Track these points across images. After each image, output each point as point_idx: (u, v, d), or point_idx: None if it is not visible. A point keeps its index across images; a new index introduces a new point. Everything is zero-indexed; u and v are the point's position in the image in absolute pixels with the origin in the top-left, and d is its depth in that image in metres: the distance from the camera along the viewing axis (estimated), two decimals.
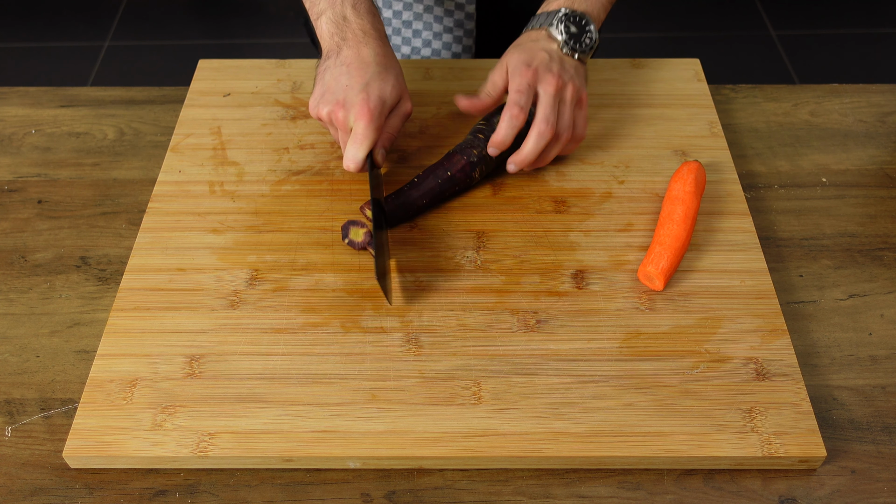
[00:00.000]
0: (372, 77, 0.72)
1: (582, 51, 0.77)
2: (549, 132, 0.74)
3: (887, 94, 0.94)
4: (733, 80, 1.00)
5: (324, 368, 0.65)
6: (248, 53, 2.27)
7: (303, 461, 0.61)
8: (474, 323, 0.68)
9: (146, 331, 0.68)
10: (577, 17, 0.77)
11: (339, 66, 0.73)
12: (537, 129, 0.74)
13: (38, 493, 0.60)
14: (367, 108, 0.70)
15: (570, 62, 0.77)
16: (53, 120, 0.91)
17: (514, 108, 0.74)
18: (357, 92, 0.71)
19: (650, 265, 0.69)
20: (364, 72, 0.72)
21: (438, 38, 0.99)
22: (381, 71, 0.73)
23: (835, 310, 0.72)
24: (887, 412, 0.65)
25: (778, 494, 0.60)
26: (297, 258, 0.73)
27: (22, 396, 0.66)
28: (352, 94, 0.71)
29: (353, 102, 0.71)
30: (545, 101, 0.74)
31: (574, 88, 0.75)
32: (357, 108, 0.71)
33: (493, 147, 0.75)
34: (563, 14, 0.77)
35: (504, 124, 0.74)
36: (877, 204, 0.81)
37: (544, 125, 0.74)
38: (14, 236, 0.78)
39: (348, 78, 0.72)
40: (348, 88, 0.72)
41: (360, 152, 0.71)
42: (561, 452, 0.60)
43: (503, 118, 0.75)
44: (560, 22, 0.77)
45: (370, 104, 0.70)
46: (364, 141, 0.71)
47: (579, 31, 0.77)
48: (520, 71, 0.75)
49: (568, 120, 0.76)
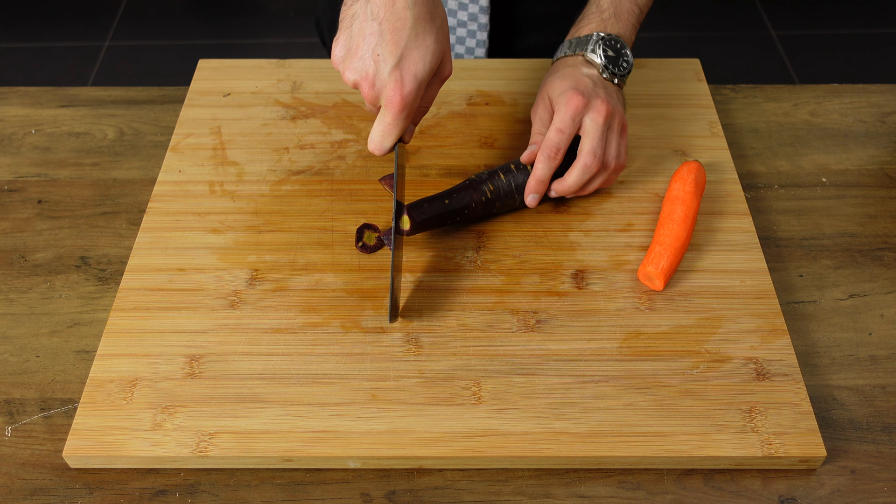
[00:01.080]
0: (408, 44, 0.61)
1: (621, 74, 0.75)
2: (595, 165, 0.71)
3: (887, 94, 0.94)
4: (733, 80, 1.00)
5: (324, 368, 0.65)
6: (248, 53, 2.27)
7: (303, 461, 0.61)
8: (474, 323, 0.68)
9: (146, 331, 0.68)
10: (613, 41, 0.75)
11: (368, 17, 0.61)
12: (583, 162, 0.71)
13: (38, 493, 0.60)
14: (401, 94, 0.61)
15: (611, 87, 0.74)
16: (53, 120, 0.91)
17: (551, 149, 0.71)
18: (390, 69, 0.61)
19: (650, 265, 0.69)
20: (399, 35, 0.60)
21: (452, 32, 0.98)
22: (420, 32, 0.61)
23: (835, 310, 0.72)
24: (887, 412, 0.65)
25: (778, 494, 0.60)
26: (297, 258, 0.73)
27: (22, 396, 0.66)
28: (383, 70, 0.61)
29: (384, 82, 0.61)
30: (593, 131, 0.71)
31: (620, 116, 0.73)
32: (389, 92, 0.61)
33: (531, 193, 0.72)
34: (600, 37, 0.75)
35: (540, 166, 0.71)
36: (877, 204, 0.81)
37: (591, 158, 0.71)
38: (14, 236, 0.78)
39: (379, 42, 0.61)
40: (380, 59, 0.61)
41: (387, 141, 0.64)
42: (561, 452, 0.60)
43: (539, 159, 0.71)
44: (597, 45, 0.74)
45: (404, 90, 0.61)
46: (394, 130, 0.64)
47: (616, 54, 0.75)
48: (567, 98, 0.71)
49: (615, 150, 0.73)
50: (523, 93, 0.90)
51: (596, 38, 0.75)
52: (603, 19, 0.77)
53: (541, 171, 0.72)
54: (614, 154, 0.73)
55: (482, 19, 0.96)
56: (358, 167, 0.82)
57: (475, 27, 0.97)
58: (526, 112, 0.88)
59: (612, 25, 0.77)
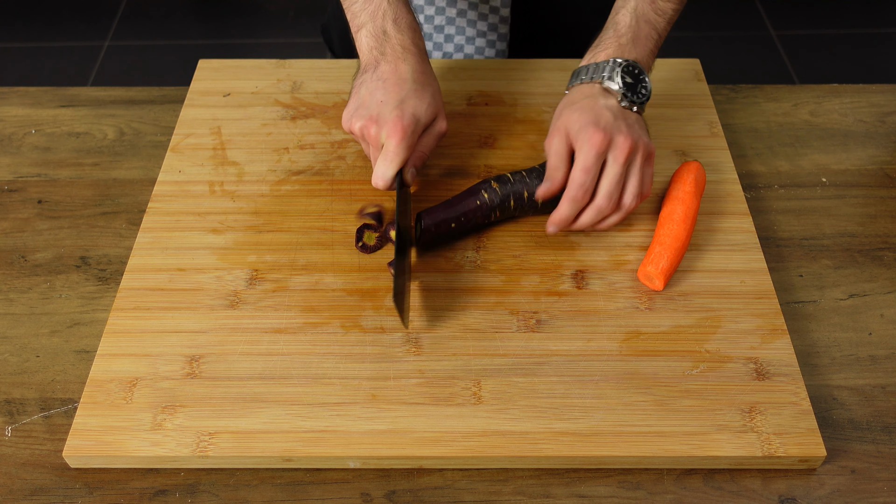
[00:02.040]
0: (408, 94, 0.71)
1: (640, 102, 0.72)
2: (609, 209, 0.69)
3: (887, 94, 0.94)
4: (733, 80, 1.00)
5: (324, 368, 0.65)
6: (248, 53, 2.27)
7: (303, 461, 0.61)
8: (474, 323, 0.68)
9: (146, 331, 0.68)
10: (631, 67, 0.72)
11: (375, 80, 0.72)
12: (597, 205, 0.69)
13: (38, 493, 0.60)
14: (401, 125, 0.69)
15: (632, 116, 0.71)
16: (53, 120, 0.91)
17: (577, 191, 0.68)
18: (392, 109, 0.70)
19: (650, 265, 0.69)
20: (400, 88, 0.71)
21: (471, 42, 0.97)
22: (418, 88, 0.71)
23: (835, 310, 0.72)
24: (887, 412, 0.65)
25: (778, 494, 0.60)
26: (297, 258, 0.73)
27: (22, 396, 0.66)
28: (386, 111, 0.70)
29: (386, 119, 0.69)
30: (612, 173, 0.68)
31: (644, 148, 0.70)
32: (390, 126, 0.69)
33: (552, 226, 0.70)
34: (618, 63, 0.72)
35: (566, 206, 0.69)
36: (877, 204, 0.81)
37: (605, 202, 0.69)
38: (14, 236, 0.78)
39: (384, 93, 0.71)
40: (383, 104, 0.70)
41: (389, 170, 0.69)
42: (561, 452, 0.60)
43: (565, 198, 0.69)
44: (615, 73, 0.71)
45: (403, 122, 0.69)
46: (395, 159, 0.69)
47: (634, 80, 0.72)
48: (588, 135, 0.68)
49: (635, 187, 0.70)
50: (523, 93, 0.90)
51: (613, 65, 0.72)
52: (620, 45, 0.74)
53: (566, 211, 0.69)
54: (634, 191, 0.70)
55: (502, 29, 0.96)
56: (358, 167, 0.82)
57: (494, 37, 0.97)
58: (526, 112, 0.88)
59: (630, 51, 0.74)
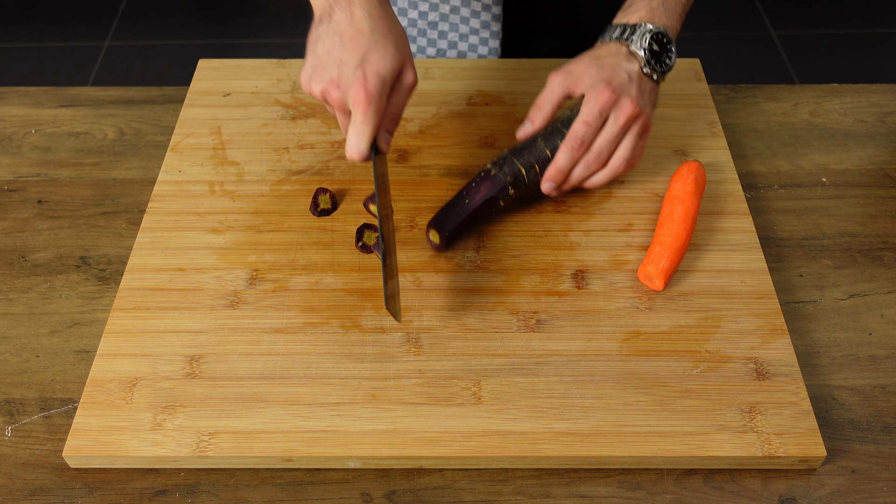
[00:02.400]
0: (368, 48, 0.63)
1: (662, 71, 0.73)
2: (595, 165, 0.72)
3: (887, 94, 0.94)
4: (733, 80, 0.99)
5: (324, 368, 0.65)
6: (248, 53, 2.27)
7: (303, 461, 0.61)
8: (474, 323, 0.68)
9: (146, 331, 0.68)
10: (661, 35, 0.72)
11: (331, 34, 0.65)
12: (586, 161, 0.71)
13: (38, 493, 0.60)
14: (365, 90, 0.62)
15: (648, 85, 0.72)
16: (53, 120, 0.91)
17: (575, 141, 0.70)
18: (353, 69, 0.63)
19: (650, 265, 0.69)
20: (359, 42, 0.64)
21: (465, 39, 0.97)
22: (379, 39, 0.64)
23: (835, 310, 0.72)
24: (887, 412, 0.65)
25: (778, 494, 0.60)
26: (297, 258, 0.73)
27: (22, 396, 0.66)
28: (347, 72, 0.63)
29: (348, 82, 0.63)
30: (610, 131, 0.70)
31: (644, 119, 0.72)
32: (354, 90, 0.63)
33: (549, 181, 0.71)
34: (647, 30, 0.72)
35: (562, 157, 0.70)
36: (877, 204, 0.81)
37: (594, 157, 0.71)
38: (14, 236, 0.78)
39: (341, 50, 0.64)
40: (342, 64, 0.64)
41: (362, 141, 0.64)
42: (561, 452, 0.60)
43: (562, 149, 0.70)
44: (644, 38, 0.72)
45: (367, 85, 0.62)
46: (365, 129, 0.63)
47: (661, 49, 0.72)
48: (598, 91, 0.69)
49: (627, 151, 0.72)
50: (523, 93, 0.90)
51: (643, 30, 0.72)
52: (652, 7, 0.74)
53: (563, 161, 0.71)
54: (625, 155, 0.72)
55: (495, 27, 0.96)
56: (358, 167, 0.82)
57: (487, 35, 0.96)
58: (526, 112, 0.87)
59: (661, 16, 0.74)
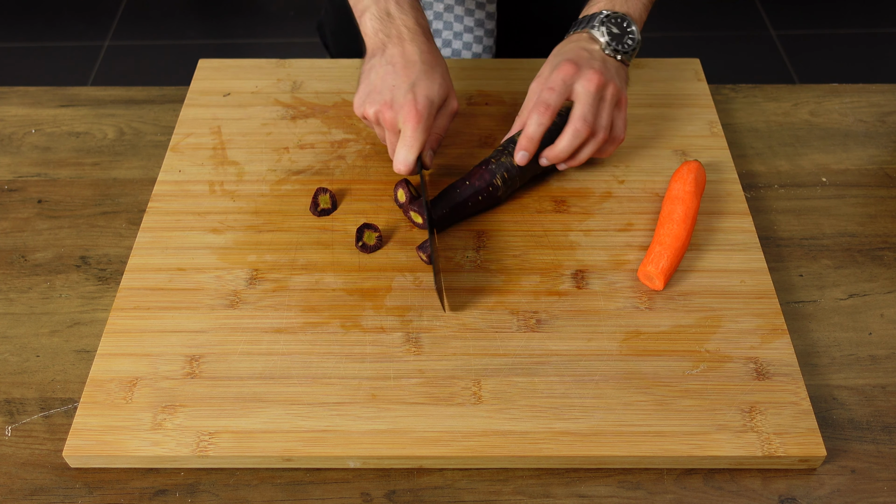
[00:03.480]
0: (418, 76, 0.71)
1: (624, 52, 0.76)
2: (585, 130, 0.73)
3: (887, 94, 0.94)
4: (733, 80, 1.00)
5: (324, 368, 0.65)
6: (248, 53, 2.27)
7: (303, 461, 0.61)
8: (474, 323, 0.68)
9: (146, 330, 0.68)
10: (618, 19, 0.76)
11: (384, 64, 0.72)
12: (573, 127, 0.73)
13: (38, 493, 0.60)
14: (416, 109, 0.70)
15: (612, 62, 0.75)
16: (53, 120, 0.91)
17: (540, 107, 0.73)
18: (404, 92, 0.70)
19: (650, 265, 0.69)
20: (410, 71, 0.71)
21: (459, 37, 0.98)
22: (428, 69, 0.72)
23: (835, 309, 0.72)
24: (887, 412, 0.65)
25: (778, 494, 0.60)
26: (297, 258, 0.73)
27: (22, 396, 0.66)
28: (399, 95, 0.71)
29: (400, 104, 0.70)
30: (584, 98, 0.73)
31: (615, 88, 0.74)
32: (405, 110, 0.70)
33: (522, 150, 0.74)
34: (605, 16, 0.76)
35: (531, 123, 0.73)
36: (877, 204, 0.81)
37: (581, 123, 0.73)
38: (14, 236, 0.78)
39: (394, 77, 0.71)
40: (395, 88, 0.71)
41: (410, 155, 0.71)
42: (561, 452, 0.60)
43: (530, 117, 0.73)
44: (601, 24, 0.76)
45: (418, 106, 0.70)
46: (414, 143, 0.70)
47: (621, 32, 0.76)
48: (558, 67, 0.73)
49: (606, 119, 0.74)
50: (523, 93, 0.89)
51: (601, 17, 0.76)
52: None
53: (532, 128, 0.73)
54: (606, 123, 0.74)
55: (489, 25, 0.96)
56: (358, 167, 0.82)
57: (482, 33, 0.97)
58: None
59: (621, 4, 0.78)
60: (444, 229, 0.75)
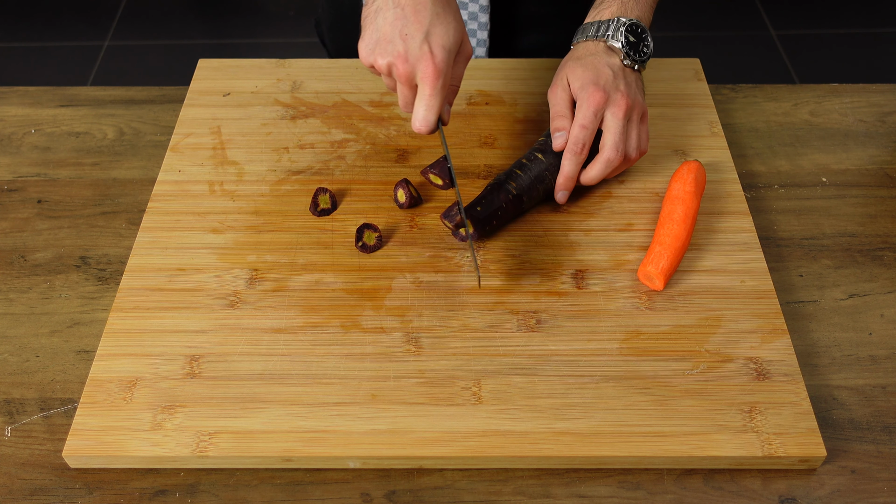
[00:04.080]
0: (432, 21, 0.66)
1: (641, 61, 0.76)
2: (617, 160, 0.74)
3: (887, 94, 0.94)
4: (733, 80, 0.99)
5: (324, 368, 0.65)
6: (248, 53, 2.27)
7: (303, 461, 0.61)
8: (474, 323, 0.68)
9: (146, 331, 0.68)
10: (634, 26, 0.76)
11: (391, 6, 0.66)
12: (606, 157, 0.74)
13: (38, 493, 0.60)
14: (433, 64, 0.65)
15: (631, 76, 0.75)
16: (53, 120, 0.91)
17: (576, 146, 0.73)
18: (419, 43, 0.65)
19: (650, 265, 0.69)
20: (422, 15, 0.66)
21: None
22: (440, 12, 0.66)
23: (835, 310, 0.72)
24: (887, 412, 0.65)
25: (778, 494, 0.60)
26: (297, 258, 0.73)
27: (22, 396, 0.66)
28: (413, 46, 0.65)
29: (417, 56, 0.65)
30: (615, 127, 0.73)
31: (640, 107, 0.75)
32: (423, 65, 0.65)
33: (561, 190, 0.75)
34: (622, 23, 0.75)
35: (568, 163, 0.73)
36: (877, 204, 0.81)
37: (613, 153, 0.73)
38: (14, 236, 0.78)
39: (404, 23, 0.66)
40: (408, 38, 0.65)
41: (431, 114, 0.67)
42: (561, 452, 0.60)
43: (565, 157, 0.73)
44: (619, 32, 0.75)
45: (436, 59, 0.65)
46: (434, 101, 0.66)
47: (637, 40, 0.76)
48: (588, 94, 0.73)
49: (635, 140, 0.75)
50: (523, 93, 0.90)
51: (617, 24, 0.75)
52: (622, 2, 0.77)
53: (568, 168, 0.74)
54: (635, 145, 0.75)
55: (482, 18, 0.96)
56: (358, 167, 0.82)
57: (475, 26, 0.97)
58: (526, 112, 0.88)
59: (632, 9, 0.77)
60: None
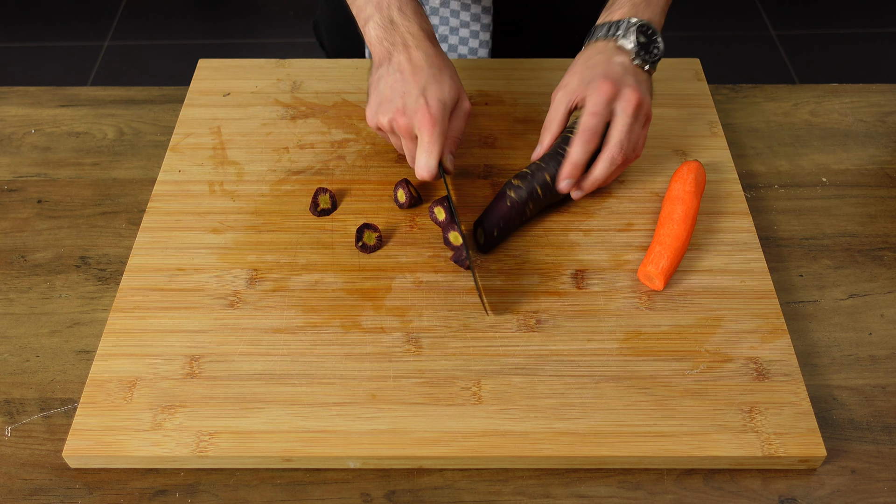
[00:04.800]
0: (428, 81, 0.70)
1: (652, 62, 0.75)
2: (620, 157, 0.73)
3: (887, 94, 0.94)
4: (733, 80, 0.99)
5: (324, 368, 0.65)
6: (248, 53, 2.27)
7: (303, 461, 0.61)
8: (474, 323, 0.68)
9: (146, 331, 0.68)
10: (645, 27, 0.75)
11: (392, 73, 0.72)
12: (610, 154, 0.72)
13: (38, 493, 0.60)
14: (429, 113, 0.69)
15: (641, 75, 0.75)
16: (53, 120, 0.91)
17: (587, 133, 0.72)
18: (416, 98, 0.70)
19: (650, 265, 0.69)
20: (419, 76, 0.71)
21: (455, 33, 0.98)
22: (436, 73, 0.71)
23: (835, 310, 0.72)
24: (887, 412, 0.65)
25: (778, 494, 0.60)
26: (297, 258, 0.73)
27: (22, 396, 0.66)
28: (410, 101, 0.70)
29: (413, 109, 0.70)
30: (622, 122, 0.72)
31: (647, 107, 0.74)
32: (419, 115, 0.69)
33: (566, 178, 0.73)
34: (632, 24, 0.75)
35: (577, 151, 0.72)
36: (877, 204, 0.81)
37: (617, 150, 0.72)
38: (14, 236, 0.78)
39: (403, 84, 0.71)
40: (406, 95, 0.71)
41: (431, 160, 0.70)
42: (561, 452, 0.60)
43: (574, 144, 0.72)
44: (630, 32, 0.74)
45: (431, 110, 0.69)
46: (433, 148, 0.69)
47: (648, 41, 0.75)
48: (597, 85, 0.72)
49: (637, 142, 0.74)
50: (523, 93, 0.90)
51: (628, 25, 0.75)
52: (634, 4, 0.77)
53: (577, 154, 0.72)
54: (635, 145, 0.74)
55: (485, 19, 0.96)
56: (358, 167, 0.82)
57: (478, 27, 0.97)
58: (526, 112, 0.88)
59: (644, 10, 0.76)
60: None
